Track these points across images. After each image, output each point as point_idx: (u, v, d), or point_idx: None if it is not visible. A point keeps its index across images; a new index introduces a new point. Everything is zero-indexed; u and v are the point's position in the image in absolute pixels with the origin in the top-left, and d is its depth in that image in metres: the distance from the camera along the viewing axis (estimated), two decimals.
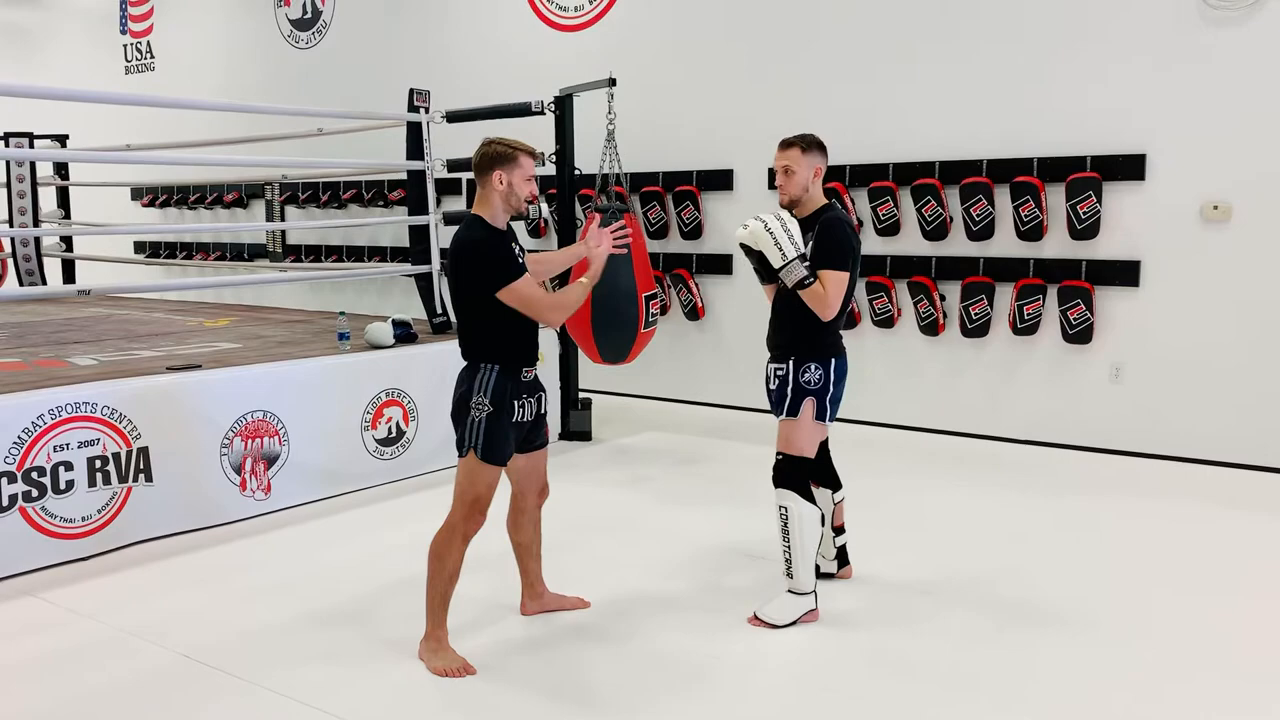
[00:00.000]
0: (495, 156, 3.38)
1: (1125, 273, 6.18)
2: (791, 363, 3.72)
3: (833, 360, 3.73)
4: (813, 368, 3.70)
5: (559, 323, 3.49)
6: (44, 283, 9.14)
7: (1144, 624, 3.75)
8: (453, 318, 3.54)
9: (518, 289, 3.32)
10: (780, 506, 3.72)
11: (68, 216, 9.91)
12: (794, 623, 3.70)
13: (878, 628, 3.73)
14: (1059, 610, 3.86)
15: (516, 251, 3.42)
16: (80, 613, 3.89)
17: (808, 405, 3.71)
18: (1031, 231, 6.35)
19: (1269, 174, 5.75)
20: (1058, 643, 3.58)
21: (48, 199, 9.70)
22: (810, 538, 3.70)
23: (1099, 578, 4.21)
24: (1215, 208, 5.89)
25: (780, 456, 3.76)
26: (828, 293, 3.61)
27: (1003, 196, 6.45)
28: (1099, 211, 6.13)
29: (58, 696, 3.24)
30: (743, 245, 3.75)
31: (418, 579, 3.47)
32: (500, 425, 3.38)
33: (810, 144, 3.74)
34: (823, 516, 3.83)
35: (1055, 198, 6.30)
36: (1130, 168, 6.09)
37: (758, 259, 3.74)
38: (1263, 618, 3.82)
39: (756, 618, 3.73)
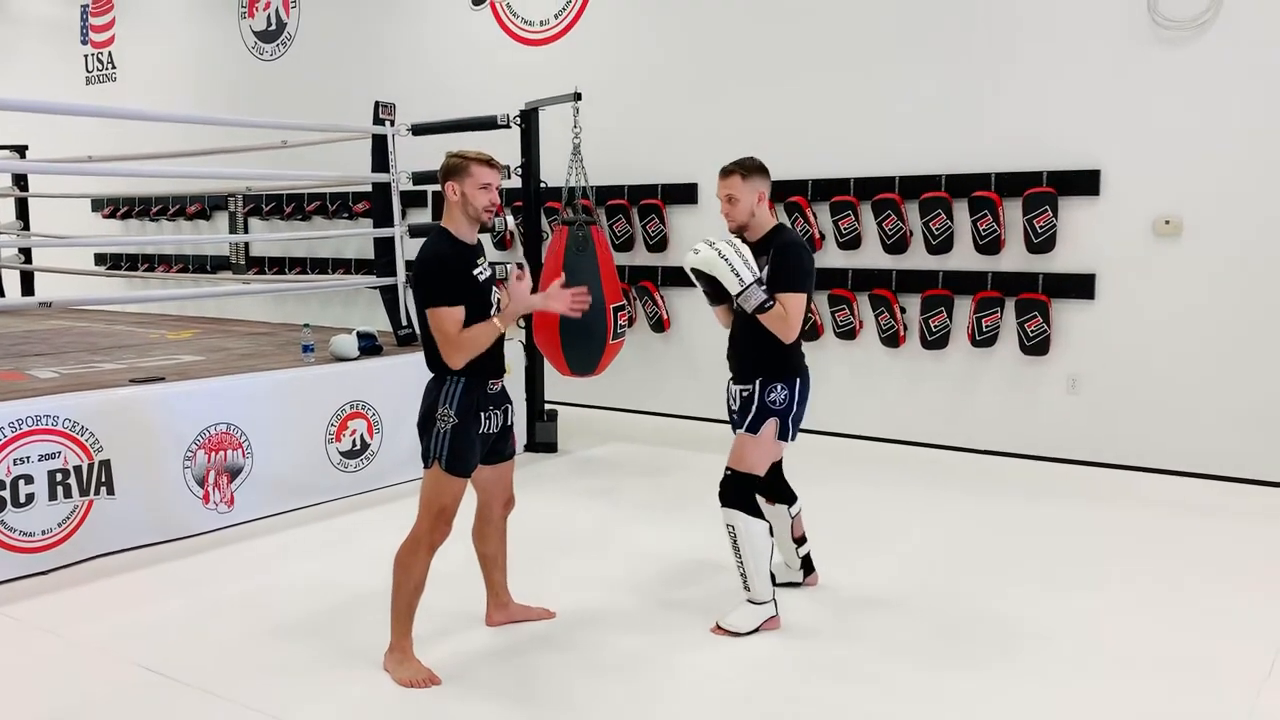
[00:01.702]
0: (448, 169, 3.39)
1: (1081, 286, 6.30)
2: (758, 383, 3.76)
3: (797, 380, 3.78)
4: (779, 388, 3.74)
5: (458, 364, 3.33)
6: (2, 295, 9.03)
7: (1100, 633, 3.82)
8: (418, 330, 3.54)
9: (440, 315, 3.29)
10: (728, 525, 3.76)
11: (27, 228, 9.80)
12: (755, 631, 3.74)
13: (838, 635, 3.79)
14: (1018, 620, 3.93)
15: (478, 270, 3.40)
16: (40, 627, 3.86)
17: (770, 425, 3.76)
18: (989, 245, 6.46)
19: (1217, 191, 5.89)
20: (1015, 652, 3.65)
21: (6, 210, 9.59)
22: (762, 550, 3.75)
23: (1056, 587, 4.29)
24: (1167, 222, 6.03)
25: (729, 472, 3.79)
26: (789, 315, 3.64)
27: (961, 211, 6.56)
28: (1055, 226, 6.25)
29: (17, 712, 3.22)
30: (693, 270, 3.73)
31: (382, 591, 3.48)
32: (466, 437, 3.39)
33: (750, 169, 3.72)
34: (772, 528, 3.85)
35: (1012, 212, 6.42)
36: (1085, 183, 6.22)
37: (708, 283, 3.73)
38: (1213, 627, 3.90)
39: (719, 627, 3.77)
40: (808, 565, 4.23)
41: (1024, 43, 6.37)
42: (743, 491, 3.76)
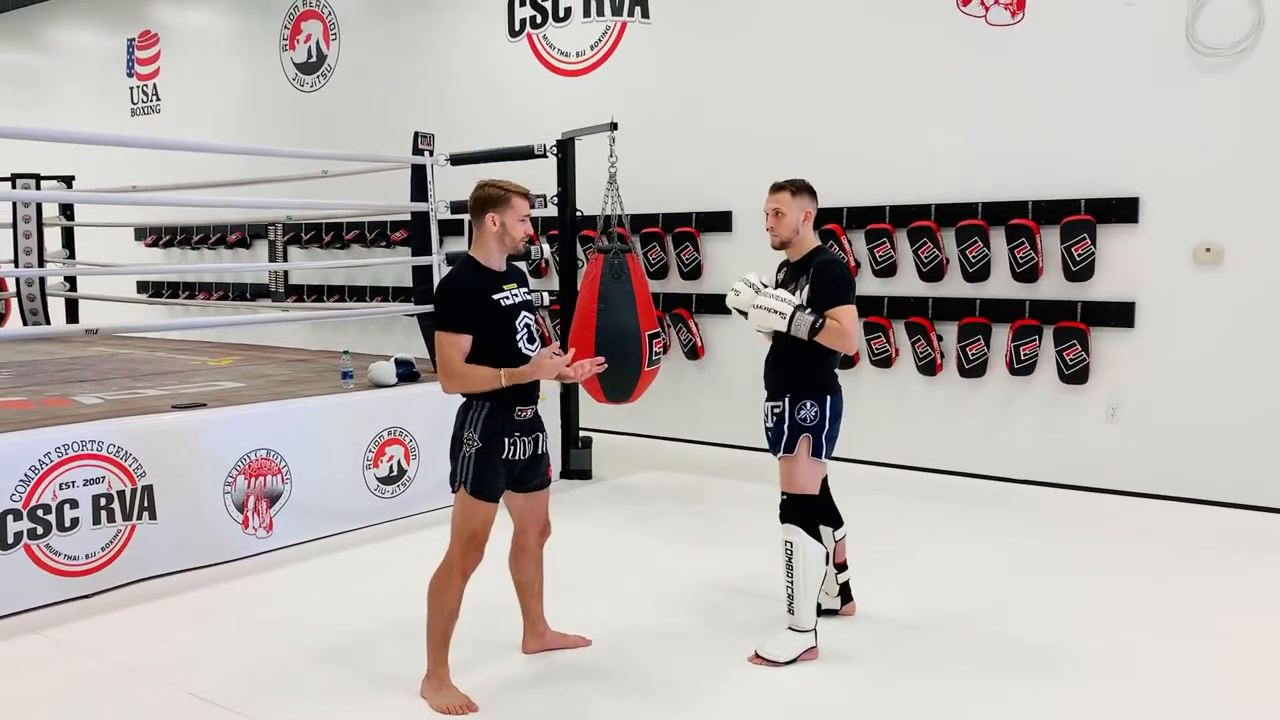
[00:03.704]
0: (488, 199, 3.43)
1: (1120, 314, 6.24)
2: (788, 400, 3.77)
3: (828, 398, 3.78)
4: (808, 405, 3.75)
5: (448, 391, 3.41)
6: (48, 322, 9.19)
7: (1142, 661, 3.77)
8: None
9: (443, 339, 3.36)
10: (786, 541, 3.76)
11: (72, 256, 9.99)
12: (794, 660, 3.72)
13: (876, 666, 3.75)
14: (1057, 651, 3.88)
15: (502, 295, 3.42)
16: (83, 650, 3.90)
17: (803, 442, 3.76)
18: (1027, 273, 6.42)
19: (1260, 218, 5.83)
20: (1055, 683, 3.60)
21: (53, 239, 9.78)
22: (814, 575, 3.73)
23: (1097, 618, 4.23)
24: (1207, 250, 5.97)
25: (785, 496, 3.80)
26: (843, 326, 3.67)
27: (998, 239, 6.53)
28: (1093, 254, 6.21)
29: None
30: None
31: (418, 617, 3.49)
32: (489, 461, 3.40)
33: (800, 188, 3.81)
34: (827, 555, 3.85)
35: (1050, 240, 6.38)
36: (1123, 211, 6.18)
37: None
38: (1251, 663, 3.83)
39: (757, 655, 3.75)
40: (845, 593, 4.20)
41: (1061, 69, 6.35)
42: (802, 511, 3.76)
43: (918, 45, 6.85)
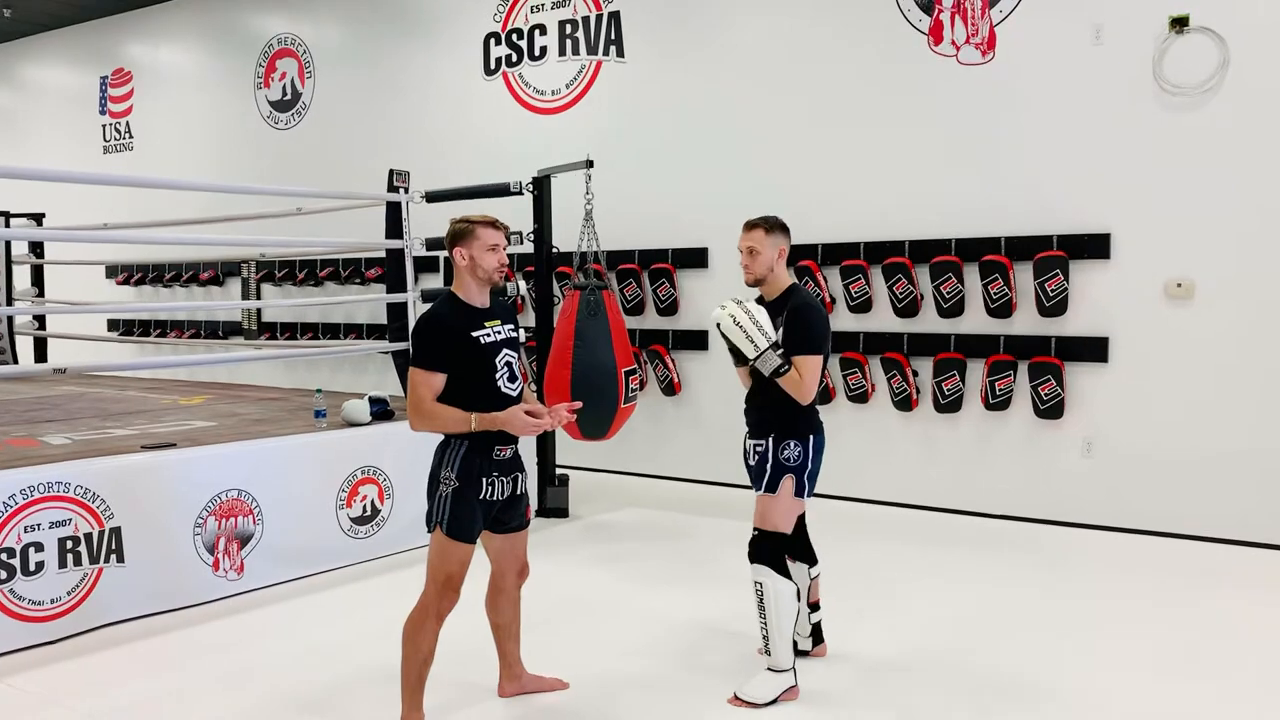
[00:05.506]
0: (455, 235, 3.43)
1: (1094, 349, 6.29)
2: (771, 439, 3.75)
3: (811, 437, 3.77)
4: (792, 445, 3.74)
5: (415, 429, 3.37)
6: (15, 361, 9.07)
7: (1116, 700, 3.75)
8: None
9: (415, 374, 3.33)
10: (756, 582, 3.73)
11: (41, 294, 9.89)
12: (774, 701, 3.67)
13: (856, 705, 3.71)
14: (1034, 689, 3.86)
15: (483, 332, 3.39)
16: (48, 698, 3.80)
17: (786, 482, 3.74)
18: (1001, 309, 6.46)
19: (1229, 253, 5.90)
20: (1033, 717, 3.57)
21: (22, 277, 9.68)
22: (787, 614, 3.70)
23: (1075, 655, 4.21)
24: (1179, 285, 6.03)
25: (756, 532, 3.77)
26: (803, 379, 3.66)
27: (972, 275, 6.58)
28: (1066, 289, 6.25)
29: None
30: (719, 327, 3.80)
31: (392, 660, 3.43)
32: (466, 501, 3.36)
33: (774, 225, 3.81)
34: (799, 592, 3.82)
35: (1023, 276, 6.43)
36: (1095, 247, 6.24)
37: (731, 343, 3.80)
38: (1229, 698, 3.82)
39: (737, 697, 3.70)
40: (817, 634, 4.16)
41: (1032, 108, 6.43)
42: (772, 550, 3.73)
43: (890, 84, 6.92)
